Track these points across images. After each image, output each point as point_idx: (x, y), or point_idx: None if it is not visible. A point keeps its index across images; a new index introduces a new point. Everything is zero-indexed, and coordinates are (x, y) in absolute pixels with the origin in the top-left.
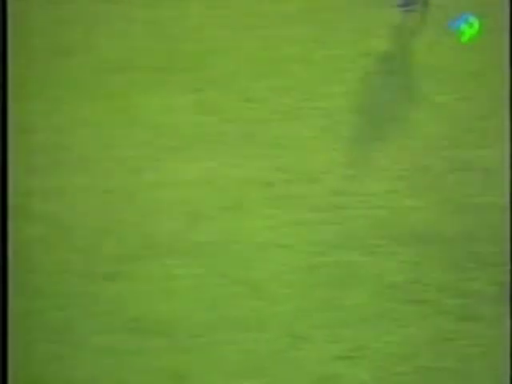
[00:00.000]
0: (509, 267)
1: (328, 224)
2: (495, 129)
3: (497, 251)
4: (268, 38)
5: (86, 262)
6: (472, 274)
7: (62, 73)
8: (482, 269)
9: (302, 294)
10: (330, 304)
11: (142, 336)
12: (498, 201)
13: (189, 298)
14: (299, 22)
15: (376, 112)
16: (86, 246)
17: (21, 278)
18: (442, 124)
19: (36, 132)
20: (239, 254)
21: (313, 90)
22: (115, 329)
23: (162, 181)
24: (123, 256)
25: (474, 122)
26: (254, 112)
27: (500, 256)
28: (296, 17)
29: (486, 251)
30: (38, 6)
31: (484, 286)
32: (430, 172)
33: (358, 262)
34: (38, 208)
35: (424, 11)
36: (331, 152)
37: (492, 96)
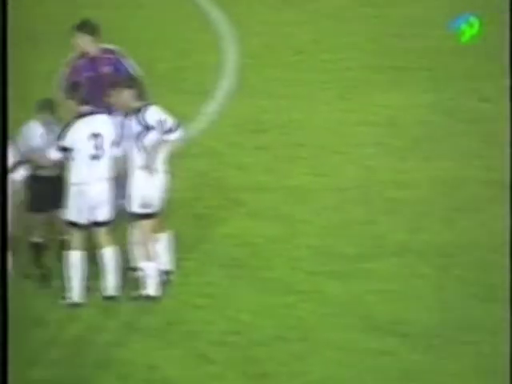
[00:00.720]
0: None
1: None
2: None
3: None
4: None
5: (317, 259)
6: None
7: (292, 70)
8: None
9: None
10: None
11: (375, 335)
12: None
13: (423, 297)
14: None
15: None
16: (317, 244)
17: (252, 273)
18: None
19: (266, 131)
20: (475, 255)
21: None
22: (346, 327)
23: (394, 179)
24: (355, 255)
25: None
26: (488, 112)
27: None
28: None
29: None
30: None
31: None
32: None
33: None
34: (270, 206)
35: None
36: None
37: None
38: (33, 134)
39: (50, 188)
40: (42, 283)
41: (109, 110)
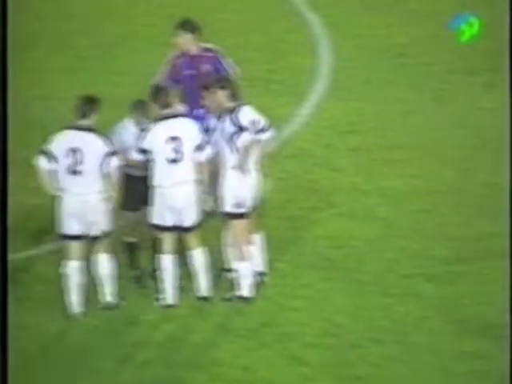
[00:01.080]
0: None
1: None
2: None
3: None
4: None
5: (412, 262)
6: None
7: (387, 72)
8: None
9: None
10: None
11: (470, 338)
12: None
13: None
14: None
15: None
16: (412, 247)
17: (346, 275)
18: None
19: (360, 133)
20: None
21: None
22: (441, 330)
23: (489, 182)
24: (450, 257)
25: None
26: None
27: None
28: None
29: None
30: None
31: None
32: None
33: None
34: (364, 208)
35: None
36: None
37: None
38: (126, 132)
39: (141, 187)
40: (137, 284)
41: (205, 109)
